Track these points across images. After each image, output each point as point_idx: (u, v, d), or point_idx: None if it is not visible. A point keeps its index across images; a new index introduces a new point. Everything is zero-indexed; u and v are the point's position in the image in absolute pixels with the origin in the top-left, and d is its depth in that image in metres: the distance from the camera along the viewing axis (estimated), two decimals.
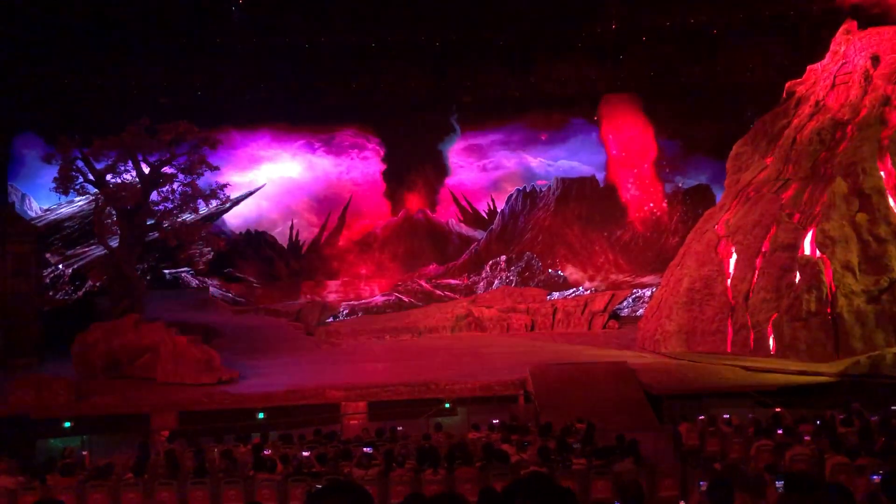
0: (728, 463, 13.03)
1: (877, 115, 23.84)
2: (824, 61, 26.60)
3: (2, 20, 35.48)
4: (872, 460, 10.94)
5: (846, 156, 23.58)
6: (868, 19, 26.74)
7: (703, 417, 14.98)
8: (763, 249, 23.89)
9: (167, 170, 28.55)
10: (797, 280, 22.54)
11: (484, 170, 52.82)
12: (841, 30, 26.39)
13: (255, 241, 46.14)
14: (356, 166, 51.32)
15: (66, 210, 44.66)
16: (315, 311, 34.76)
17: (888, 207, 22.38)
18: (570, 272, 44.00)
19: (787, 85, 27.64)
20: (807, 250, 22.84)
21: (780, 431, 13.15)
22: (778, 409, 15.30)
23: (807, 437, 12.71)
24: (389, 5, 40.07)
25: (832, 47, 26.44)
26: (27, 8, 35.63)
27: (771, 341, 22.77)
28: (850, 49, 25.72)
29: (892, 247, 21.91)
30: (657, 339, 25.55)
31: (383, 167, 51.08)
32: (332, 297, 41.33)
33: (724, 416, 14.93)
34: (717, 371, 21.27)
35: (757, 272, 23.71)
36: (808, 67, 27.14)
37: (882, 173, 22.93)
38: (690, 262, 25.89)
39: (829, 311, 21.77)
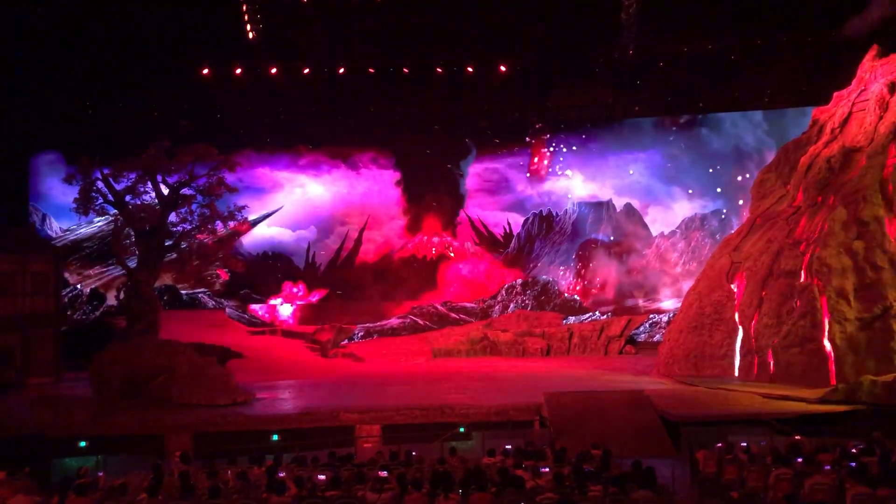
0: (746, 492, 12.88)
1: (885, 142, 23.83)
2: (850, 88, 26.50)
3: (23, 41, 36.07)
4: (894, 490, 10.76)
5: (852, 184, 23.72)
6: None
7: (720, 445, 14.78)
8: (769, 276, 24.01)
9: (186, 191, 28.79)
10: (796, 306, 22.63)
11: (500, 193, 52.87)
12: (867, 56, 26.24)
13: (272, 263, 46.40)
14: (373, 189, 51.53)
15: (85, 230, 45.11)
16: (330, 334, 34.77)
17: (885, 235, 22.38)
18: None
19: (813, 112, 27.55)
20: (806, 277, 23.02)
21: (799, 460, 12.96)
22: (797, 438, 15.10)
23: (827, 467, 12.52)
24: (407, 30, 40.38)
25: (858, 73, 26.28)
26: (49, 29, 36.18)
27: (771, 367, 22.98)
28: (871, 76, 25.65)
29: (888, 274, 21.92)
30: (669, 363, 25.79)
31: (400, 190, 51.26)
32: (347, 320, 41.36)
33: (742, 443, 14.74)
34: (735, 397, 21.08)
35: (762, 298, 23.81)
36: (834, 94, 26.99)
37: (883, 201, 22.93)
38: (702, 288, 26.26)
39: (823, 337, 21.84)
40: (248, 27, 38.48)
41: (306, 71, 40.78)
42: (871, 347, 21.32)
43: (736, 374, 23.98)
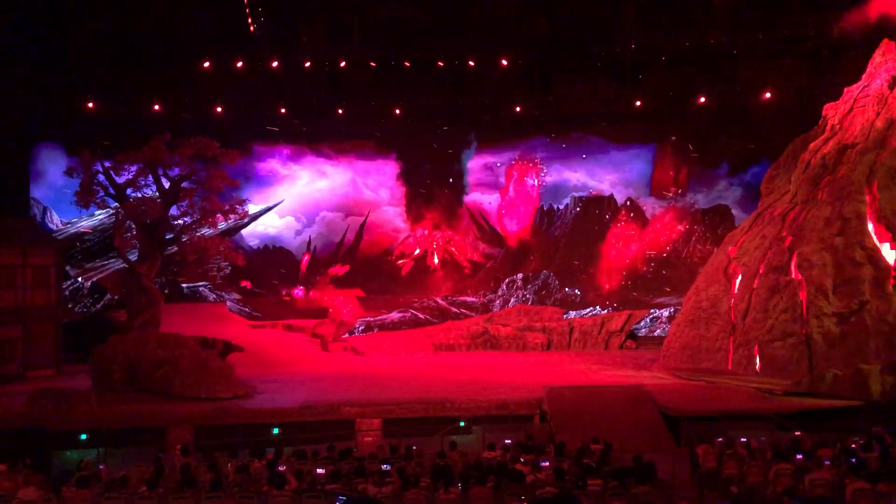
0: (746, 486, 12.89)
1: (879, 139, 23.80)
2: (858, 83, 26.34)
3: (24, 33, 35.99)
4: (894, 486, 10.77)
5: (841, 180, 23.91)
6: None
7: (720, 439, 14.81)
8: (760, 271, 24.17)
9: (187, 185, 28.77)
10: (780, 301, 22.92)
11: (501, 187, 52.82)
12: (877, 51, 26.13)
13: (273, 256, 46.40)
14: (374, 183, 51.49)
15: (86, 223, 45.07)
16: (331, 327, 34.78)
17: (865, 232, 22.51)
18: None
19: (824, 108, 27.42)
20: (792, 273, 23.22)
21: (799, 455, 12.97)
22: (797, 433, 15.13)
23: (827, 462, 12.54)
24: (409, 24, 40.27)
25: (868, 68, 26.14)
26: (49, 21, 36.10)
27: (757, 360, 23.24)
28: (877, 71, 25.57)
29: (866, 271, 22.07)
30: (666, 356, 25.98)
31: (401, 183, 51.22)
32: (347, 313, 41.37)
33: (742, 438, 14.76)
34: (735, 392, 21.15)
35: (752, 293, 23.96)
36: (844, 89, 26.83)
37: (868, 198, 22.96)
38: (700, 282, 26.56)
39: (803, 332, 22.10)
40: (250, 20, 38.39)
41: (307, 64, 40.64)
42: (846, 342, 21.51)
43: (729, 367, 24.16)
